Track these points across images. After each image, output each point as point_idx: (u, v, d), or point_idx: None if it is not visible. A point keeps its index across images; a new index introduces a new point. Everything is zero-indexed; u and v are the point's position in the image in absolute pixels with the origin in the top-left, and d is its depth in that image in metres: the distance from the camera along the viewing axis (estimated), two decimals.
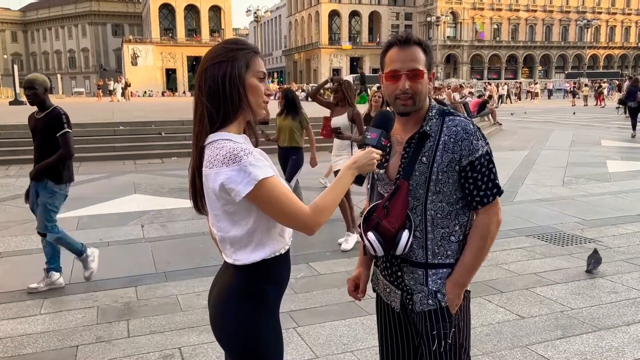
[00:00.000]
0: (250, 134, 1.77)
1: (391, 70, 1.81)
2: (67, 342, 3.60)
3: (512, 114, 25.91)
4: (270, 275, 1.73)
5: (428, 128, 1.81)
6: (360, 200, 7.32)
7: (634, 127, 16.21)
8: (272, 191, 1.60)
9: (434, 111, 1.85)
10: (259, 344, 1.72)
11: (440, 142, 1.78)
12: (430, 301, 1.85)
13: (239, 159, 1.56)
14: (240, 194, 1.57)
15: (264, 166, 1.60)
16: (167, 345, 3.54)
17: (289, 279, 1.84)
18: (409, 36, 1.83)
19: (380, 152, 1.78)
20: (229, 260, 1.75)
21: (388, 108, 6.36)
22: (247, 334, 1.71)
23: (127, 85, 39.66)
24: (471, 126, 1.80)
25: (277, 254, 1.73)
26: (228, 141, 1.61)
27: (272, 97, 6.43)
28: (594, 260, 4.86)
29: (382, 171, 1.90)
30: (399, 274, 1.90)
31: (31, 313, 4.06)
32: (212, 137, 1.65)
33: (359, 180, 1.77)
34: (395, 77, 1.80)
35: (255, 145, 1.75)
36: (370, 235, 1.79)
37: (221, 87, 1.64)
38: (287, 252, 1.79)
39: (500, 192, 1.84)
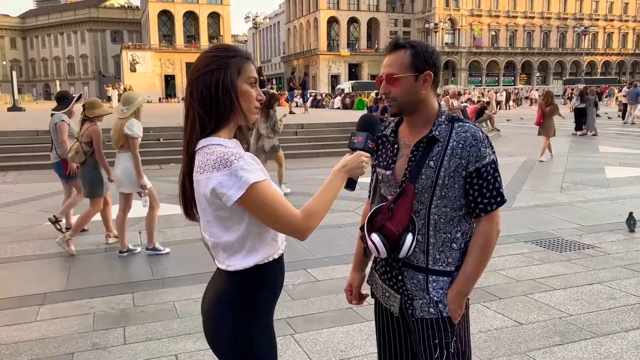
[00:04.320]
0: (241, 139, 1.76)
1: (378, 76, 1.91)
2: (62, 349, 3.58)
3: (508, 120, 25.96)
4: (263, 281, 1.72)
5: (437, 133, 1.82)
6: (360, 206, 7.32)
7: (579, 128, 18.90)
8: (264, 196, 1.59)
9: (443, 117, 1.86)
10: (253, 350, 1.71)
11: (449, 147, 1.79)
12: (431, 309, 1.84)
13: (230, 164, 1.56)
14: (232, 199, 1.56)
15: (255, 170, 1.60)
16: (164, 352, 3.52)
17: (283, 284, 1.83)
18: (396, 41, 1.86)
19: (368, 155, 1.78)
20: (222, 266, 1.74)
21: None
22: (240, 341, 1.70)
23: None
24: (480, 133, 1.81)
25: (270, 259, 1.72)
26: (219, 146, 1.61)
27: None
28: (632, 221, 6.29)
29: (388, 172, 1.90)
30: (400, 277, 1.89)
31: (27, 320, 4.04)
32: (202, 142, 1.64)
33: (351, 185, 1.77)
34: (380, 82, 1.89)
35: (247, 150, 1.74)
36: (375, 236, 1.79)
37: (213, 93, 1.64)
38: (281, 257, 1.78)
39: (503, 200, 1.85)
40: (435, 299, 1.84)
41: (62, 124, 6.38)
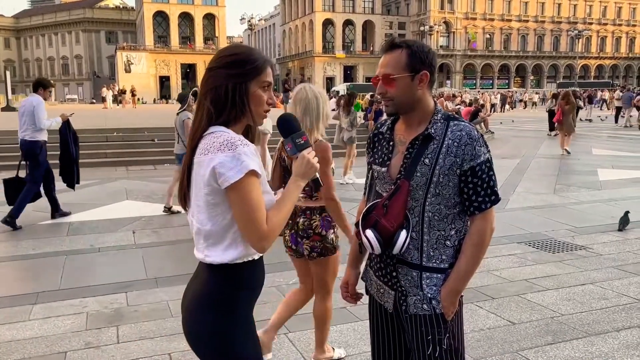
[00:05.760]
0: (248, 138, 1.78)
1: (374, 76, 1.91)
2: (55, 347, 3.57)
3: (501, 122, 26.07)
4: (243, 281, 1.73)
5: (433, 131, 1.83)
6: (355, 207, 7.31)
7: (552, 129, 19.36)
8: (252, 190, 1.61)
9: (439, 115, 1.87)
10: (233, 351, 1.72)
11: (444, 146, 1.80)
12: (425, 306, 1.85)
13: (235, 147, 1.59)
14: (229, 181, 1.58)
15: (256, 161, 1.63)
16: (157, 351, 3.52)
17: (263, 283, 1.84)
18: (392, 41, 1.89)
19: (310, 150, 1.78)
20: (200, 256, 1.75)
21: None
22: (220, 340, 1.71)
23: (121, 92, 39.65)
24: (475, 132, 1.82)
25: (250, 258, 1.72)
26: (226, 133, 1.65)
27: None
28: (624, 220, 6.42)
29: (384, 169, 1.92)
30: (394, 274, 1.90)
31: (20, 319, 4.02)
32: (211, 129, 1.68)
33: (315, 184, 1.81)
34: (376, 82, 1.89)
35: None
36: (369, 232, 1.81)
37: (231, 95, 1.67)
38: (261, 258, 1.79)
39: (498, 199, 1.86)
40: (429, 295, 1.85)
41: (188, 121, 7.11)
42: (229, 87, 1.66)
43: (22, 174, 6.86)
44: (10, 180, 6.80)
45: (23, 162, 6.86)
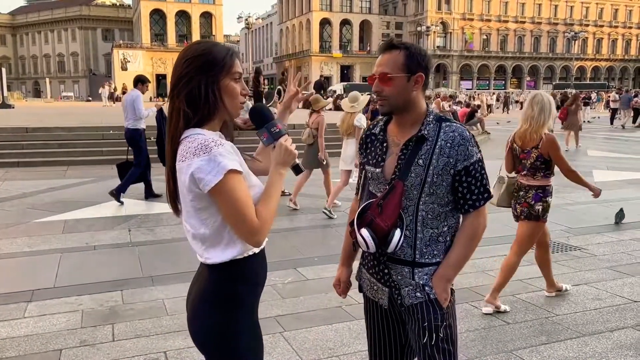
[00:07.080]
0: (225, 134, 1.78)
1: (371, 74, 1.94)
2: (50, 345, 3.57)
3: (497, 123, 26.14)
4: (243, 276, 1.73)
5: (426, 132, 1.87)
6: (348, 207, 7.32)
7: None
8: (237, 189, 1.60)
9: (431, 117, 1.91)
10: (236, 347, 1.72)
11: (437, 147, 1.84)
12: (418, 294, 1.89)
13: (209, 150, 1.57)
14: (209, 184, 1.57)
15: (234, 160, 1.61)
16: (153, 349, 3.52)
17: (266, 278, 1.84)
18: (391, 41, 1.92)
19: (287, 138, 1.78)
20: (201, 259, 1.75)
21: None
22: (223, 337, 1.71)
23: (116, 89, 39.57)
24: (467, 133, 1.87)
25: (251, 252, 1.72)
26: (201, 135, 1.64)
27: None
28: (620, 216, 6.78)
29: (378, 170, 1.94)
30: (386, 271, 1.94)
31: (15, 316, 4.01)
32: (186, 133, 1.67)
33: (296, 170, 1.81)
34: (373, 80, 1.92)
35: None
36: (364, 231, 1.84)
37: (204, 91, 1.66)
38: (262, 251, 1.79)
39: (490, 196, 1.91)
40: (421, 282, 1.89)
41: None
42: (202, 86, 1.66)
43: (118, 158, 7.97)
44: (121, 163, 8.03)
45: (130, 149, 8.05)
